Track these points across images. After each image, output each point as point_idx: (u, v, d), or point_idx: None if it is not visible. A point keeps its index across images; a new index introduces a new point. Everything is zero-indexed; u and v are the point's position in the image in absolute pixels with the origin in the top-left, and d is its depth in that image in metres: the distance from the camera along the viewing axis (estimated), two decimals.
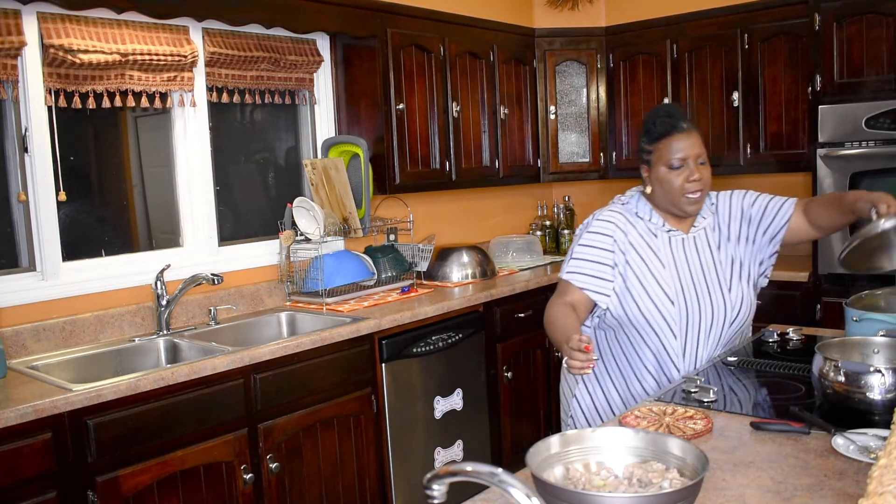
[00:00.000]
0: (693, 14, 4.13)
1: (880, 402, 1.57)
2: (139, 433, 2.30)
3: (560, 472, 1.25)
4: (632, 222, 2.08)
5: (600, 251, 2.04)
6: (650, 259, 2.03)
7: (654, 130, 2.01)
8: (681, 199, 2.00)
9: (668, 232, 2.08)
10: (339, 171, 3.40)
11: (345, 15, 3.41)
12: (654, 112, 2.05)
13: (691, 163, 1.98)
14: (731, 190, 2.20)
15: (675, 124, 1.99)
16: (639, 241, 2.06)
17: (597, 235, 2.06)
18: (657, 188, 2.04)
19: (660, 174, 2.01)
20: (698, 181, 1.99)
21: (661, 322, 2.00)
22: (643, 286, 2.01)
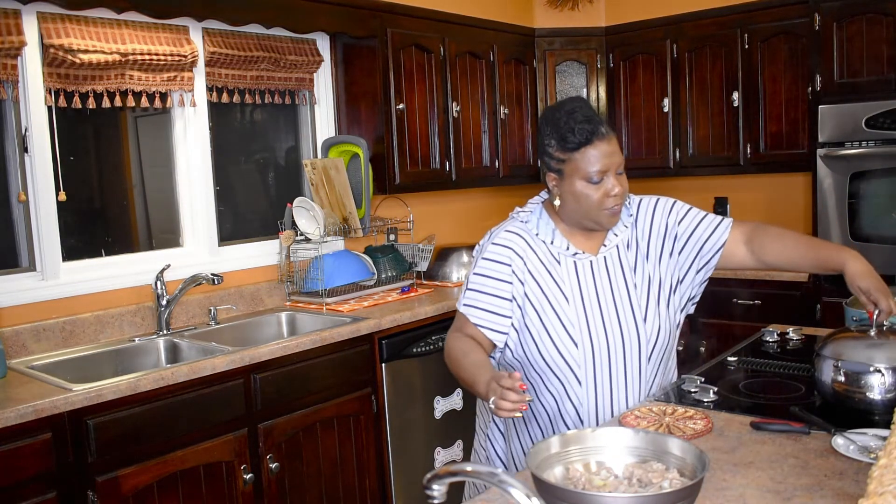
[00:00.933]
0: (693, 14, 4.13)
1: (880, 402, 1.57)
2: (139, 433, 2.30)
3: (560, 472, 1.25)
4: (532, 246, 1.79)
5: (496, 282, 1.77)
6: (552, 291, 1.75)
7: (571, 139, 1.69)
8: (599, 213, 1.73)
9: (573, 256, 1.79)
10: (339, 171, 3.40)
11: (345, 15, 3.41)
12: (569, 115, 1.71)
13: (611, 175, 1.71)
14: (656, 196, 1.90)
15: (595, 130, 1.69)
16: (539, 269, 1.77)
17: (492, 264, 1.78)
18: (570, 202, 1.75)
19: (575, 188, 1.72)
20: (618, 196, 1.72)
21: (564, 366, 1.73)
22: (543, 324, 1.74)
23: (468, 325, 1.79)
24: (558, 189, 1.76)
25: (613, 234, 1.82)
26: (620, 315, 1.76)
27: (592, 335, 1.74)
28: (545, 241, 1.79)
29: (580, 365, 1.73)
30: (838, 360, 1.63)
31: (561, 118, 1.71)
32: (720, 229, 1.83)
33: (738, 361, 2.08)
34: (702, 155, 4.17)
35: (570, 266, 1.78)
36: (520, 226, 1.83)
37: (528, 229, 1.82)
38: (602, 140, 1.69)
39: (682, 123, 4.21)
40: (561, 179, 1.75)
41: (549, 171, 1.77)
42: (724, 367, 2.06)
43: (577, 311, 1.74)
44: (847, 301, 2.07)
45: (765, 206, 4.30)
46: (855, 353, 1.63)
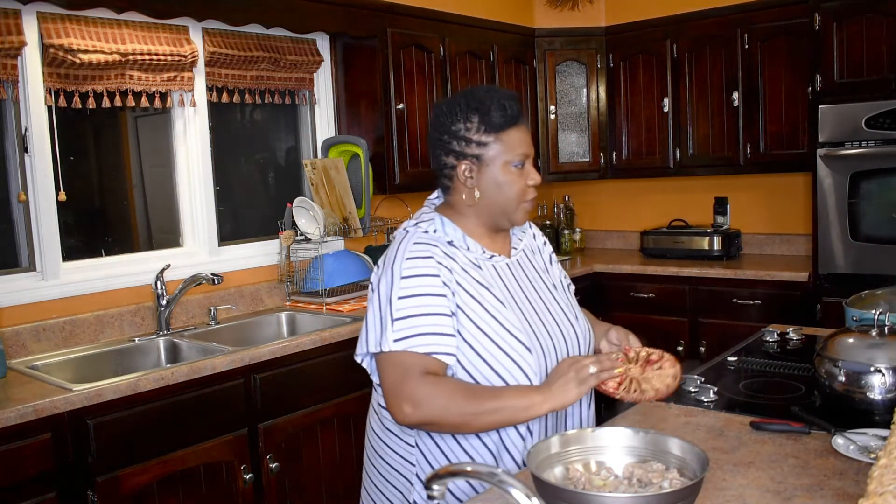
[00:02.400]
0: (693, 14, 4.13)
1: (880, 402, 1.57)
2: (139, 433, 2.30)
3: (560, 472, 1.25)
4: (449, 254, 1.56)
5: (432, 298, 1.49)
6: (484, 297, 1.54)
7: (497, 117, 1.54)
8: (518, 205, 1.59)
9: (490, 259, 1.61)
10: (339, 171, 3.40)
11: (345, 15, 3.41)
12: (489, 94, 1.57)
13: (529, 162, 1.60)
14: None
15: (517, 115, 1.57)
16: (464, 276, 1.55)
17: (419, 279, 1.50)
18: (490, 193, 1.58)
19: (496, 175, 1.56)
20: (535, 186, 1.61)
21: (520, 375, 1.51)
22: (486, 334, 1.51)
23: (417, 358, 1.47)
24: (474, 180, 1.58)
25: (517, 239, 1.72)
26: (554, 315, 1.63)
27: (539, 338, 1.56)
28: (459, 247, 1.58)
29: (536, 370, 1.52)
30: (838, 360, 1.63)
31: (483, 97, 1.57)
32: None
33: (738, 361, 2.08)
34: (702, 155, 4.17)
35: (490, 269, 1.60)
36: (426, 237, 1.57)
37: (438, 238, 1.58)
38: (522, 125, 1.59)
39: (682, 123, 4.20)
40: (479, 166, 1.57)
41: (463, 159, 1.57)
42: (724, 367, 2.06)
43: (517, 314, 1.56)
44: (847, 301, 2.07)
45: (765, 206, 4.30)
46: (855, 353, 1.63)
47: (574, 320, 1.66)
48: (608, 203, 4.90)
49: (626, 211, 4.82)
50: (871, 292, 2.13)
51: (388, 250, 1.61)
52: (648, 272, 4.08)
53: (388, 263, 1.56)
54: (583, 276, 4.13)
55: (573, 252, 4.74)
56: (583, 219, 4.96)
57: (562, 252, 4.73)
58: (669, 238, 4.29)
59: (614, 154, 4.50)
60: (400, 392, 1.47)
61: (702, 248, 4.16)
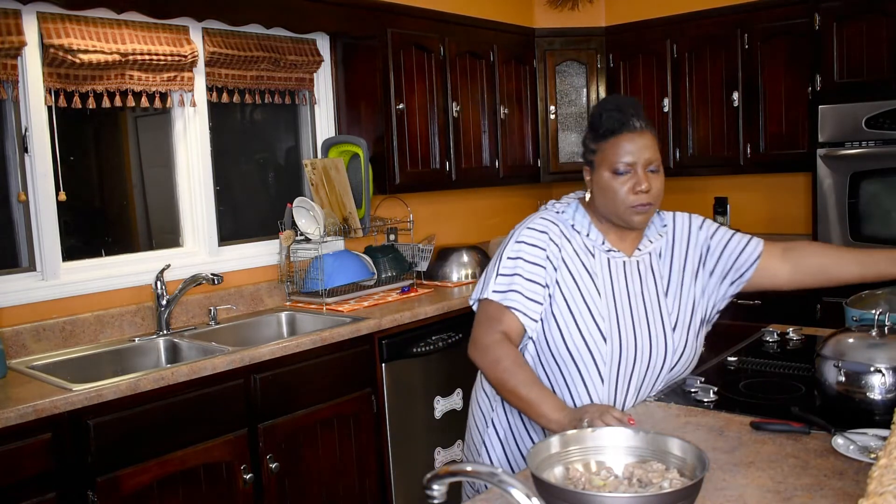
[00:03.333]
0: (693, 14, 4.13)
1: (880, 402, 1.57)
2: (139, 433, 2.30)
3: (560, 472, 1.25)
4: (567, 235, 1.75)
5: (532, 266, 1.70)
6: (585, 282, 1.70)
7: (600, 126, 1.69)
8: (625, 210, 1.69)
9: (607, 252, 1.75)
10: (339, 171, 3.40)
11: (345, 15, 3.41)
12: (603, 104, 1.72)
13: (640, 169, 1.67)
14: (689, 213, 1.90)
15: (626, 121, 1.67)
16: (573, 258, 1.72)
17: (527, 247, 1.71)
18: (598, 195, 1.73)
19: (602, 179, 1.70)
20: (646, 193, 1.67)
21: (589, 361, 1.68)
22: (572, 314, 1.68)
23: (502, 315, 1.69)
24: (590, 181, 1.75)
25: (648, 241, 1.80)
26: (650, 319, 1.72)
27: (622, 333, 1.68)
28: (580, 231, 1.75)
29: (606, 362, 1.68)
30: (839, 360, 1.63)
31: (596, 108, 1.73)
32: (752, 244, 1.84)
33: (738, 361, 2.08)
34: (702, 155, 4.17)
35: (603, 261, 1.74)
36: (555, 216, 1.78)
37: (564, 219, 1.77)
38: (633, 132, 1.67)
39: (682, 123, 4.20)
40: (592, 171, 1.73)
41: (585, 163, 1.76)
42: (724, 367, 2.05)
43: (609, 306, 1.69)
44: (847, 301, 2.07)
45: (765, 206, 4.30)
46: (855, 353, 1.63)
47: (670, 330, 1.73)
48: None
49: None
50: (871, 292, 2.13)
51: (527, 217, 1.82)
52: None
53: (517, 228, 1.78)
54: None
55: None
56: None
57: None
58: None
59: None
60: (477, 334, 1.71)
61: None
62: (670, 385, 1.88)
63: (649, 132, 1.70)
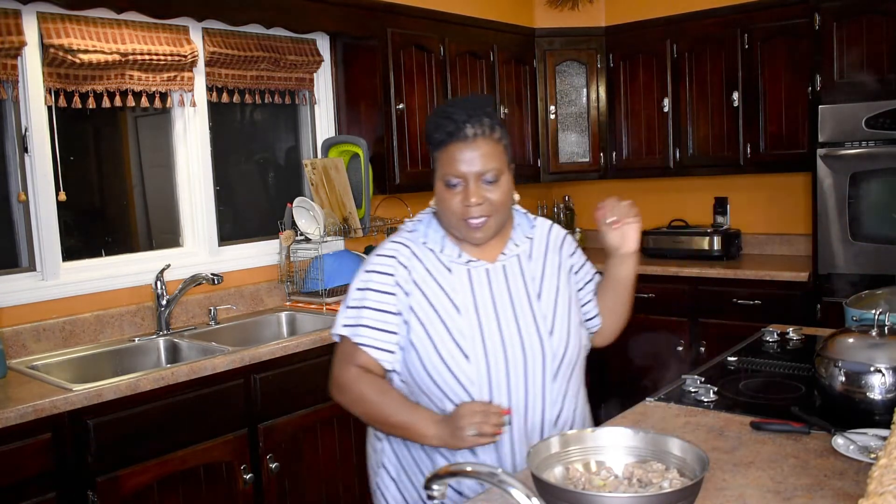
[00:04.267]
0: (693, 14, 4.13)
1: (881, 402, 1.57)
2: (139, 433, 2.30)
3: (560, 472, 1.25)
4: (418, 255, 1.60)
5: (381, 295, 1.57)
6: (440, 302, 1.55)
7: (433, 133, 1.55)
8: (459, 223, 1.56)
9: (466, 264, 1.60)
10: (339, 171, 3.40)
11: (345, 15, 3.41)
12: (437, 110, 1.59)
13: (472, 181, 1.52)
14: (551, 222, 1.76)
15: (456, 130, 1.51)
16: (426, 279, 1.57)
17: (375, 275, 1.59)
18: (438, 207, 1.60)
19: (438, 191, 1.58)
20: (478, 206, 1.52)
21: (454, 384, 1.51)
22: (430, 338, 1.53)
23: (357, 349, 1.58)
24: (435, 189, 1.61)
25: (514, 244, 1.64)
26: (522, 327, 1.56)
27: (488, 348, 1.53)
28: (433, 249, 1.60)
29: (473, 381, 1.51)
30: (839, 360, 1.63)
31: (435, 113, 1.58)
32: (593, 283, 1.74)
33: (738, 361, 2.09)
34: (702, 155, 4.17)
35: (462, 275, 1.58)
36: (406, 235, 1.64)
37: (415, 238, 1.62)
38: (463, 141, 1.51)
39: (682, 123, 4.20)
40: (434, 178, 1.60)
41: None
42: (724, 367, 2.06)
43: (470, 323, 1.54)
44: (847, 301, 2.07)
45: (765, 206, 4.30)
46: (855, 353, 1.63)
47: (546, 334, 1.57)
48: None
49: None
50: (871, 292, 2.13)
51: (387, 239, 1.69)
52: (648, 272, 4.08)
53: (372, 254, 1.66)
54: None
55: None
56: (583, 219, 4.96)
57: None
58: (669, 238, 4.29)
59: (614, 154, 4.50)
60: (335, 373, 1.61)
61: (702, 248, 4.16)
62: (671, 386, 1.88)
63: (485, 139, 1.52)
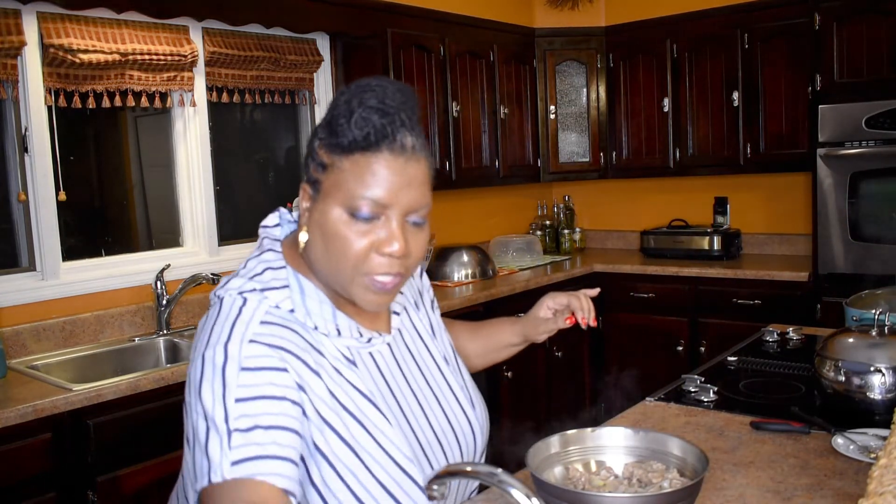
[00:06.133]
0: (693, 14, 4.13)
1: (881, 402, 1.57)
2: (139, 433, 2.30)
3: (560, 472, 1.25)
4: (312, 343, 1.08)
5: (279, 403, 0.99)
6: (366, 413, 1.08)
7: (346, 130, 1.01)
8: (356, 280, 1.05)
9: (367, 344, 1.15)
10: None
11: (345, 15, 3.41)
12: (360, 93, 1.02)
13: (396, 217, 1.03)
14: None
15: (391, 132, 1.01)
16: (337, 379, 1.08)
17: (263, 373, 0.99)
18: (318, 243, 1.06)
19: (328, 219, 1.03)
20: (401, 258, 1.04)
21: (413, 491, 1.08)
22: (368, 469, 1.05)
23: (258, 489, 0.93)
24: (308, 215, 1.07)
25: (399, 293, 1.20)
26: (445, 405, 1.22)
27: (431, 459, 1.16)
28: (328, 333, 1.10)
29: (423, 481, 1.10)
30: (839, 360, 1.63)
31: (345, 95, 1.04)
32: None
33: (738, 361, 2.08)
34: (702, 155, 4.17)
35: (369, 363, 1.14)
36: (277, 313, 1.06)
37: (295, 318, 1.08)
38: (399, 153, 1.02)
39: (682, 123, 4.20)
40: (315, 200, 1.06)
41: (306, 180, 1.08)
42: (724, 367, 2.06)
43: (400, 424, 1.13)
44: (847, 301, 2.07)
45: (765, 206, 4.30)
46: (855, 353, 1.63)
47: (470, 409, 1.25)
48: (608, 203, 4.90)
49: (626, 211, 4.82)
50: (871, 292, 2.13)
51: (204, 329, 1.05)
52: (648, 272, 4.08)
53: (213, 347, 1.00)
54: (583, 277, 4.13)
55: (573, 252, 4.74)
56: (583, 219, 4.96)
57: (561, 252, 4.73)
58: (669, 238, 4.29)
59: (614, 154, 4.50)
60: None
61: (702, 248, 4.16)
62: (671, 386, 1.88)
63: (423, 156, 1.04)
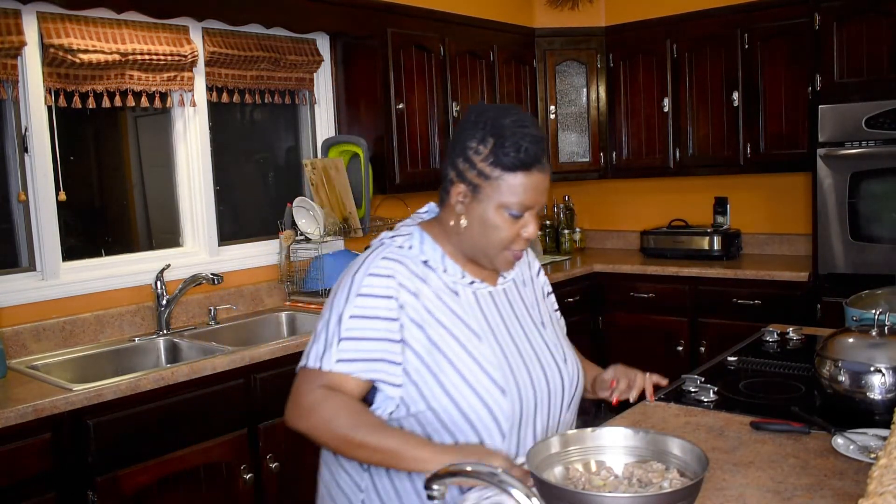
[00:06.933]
0: (693, 14, 4.13)
1: (881, 402, 1.57)
2: (139, 433, 2.30)
3: (560, 472, 1.25)
4: (420, 275, 1.42)
5: (382, 322, 1.37)
6: (459, 330, 1.40)
7: (511, 156, 1.36)
8: (500, 253, 1.43)
9: (471, 285, 1.46)
10: (339, 171, 3.40)
11: (345, 15, 3.41)
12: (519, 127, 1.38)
13: (532, 213, 1.42)
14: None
15: (540, 157, 1.38)
16: (436, 304, 1.41)
17: (372, 300, 1.37)
18: (474, 229, 1.42)
19: (487, 213, 1.40)
20: (529, 240, 1.44)
21: (488, 420, 1.36)
22: (459, 372, 1.36)
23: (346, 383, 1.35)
24: (465, 207, 1.42)
25: None
26: (539, 355, 1.47)
27: (517, 379, 1.40)
28: (435, 268, 1.44)
29: (507, 417, 1.37)
30: (839, 360, 1.63)
31: (508, 126, 1.38)
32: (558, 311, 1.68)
33: (738, 361, 2.09)
34: (702, 155, 4.17)
35: (469, 297, 1.45)
36: (398, 252, 1.44)
37: (412, 256, 1.44)
38: (541, 171, 1.39)
39: (682, 123, 4.20)
40: (474, 197, 1.41)
41: (462, 181, 1.41)
42: (724, 367, 2.06)
43: (494, 351, 1.40)
44: (847, 301, 2.08)
45: (765, 206, 4.30)
46: (855, 353, 1.63)
47: (562, 362, 1.50)
48: (608, 203, 4.90)
49: (626, 211, 4.82)
50: (871, 292, 2.13)
51: (356, 259, 1.47)
52: (648, 272, 4.08)
53: (350, 274, 1.43)
54: (583, 276, 4.13)
55: (573, 252, 4.74)
56: (583, 219, 4.96)
57: (562, 252, 4.73)
58: (669, 238, 4.29)
59: (614, 154, 4.50)
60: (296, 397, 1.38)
61: (702, 248, 4.17)
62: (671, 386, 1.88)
63: (549, 168, 1.43)
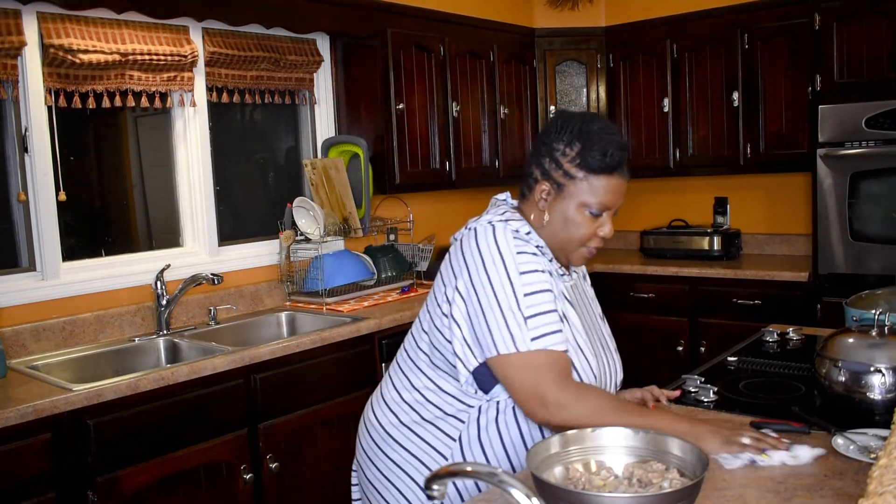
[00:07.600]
0: (693, 14, 4.13)
1: (881, 402, 1.57)
2: (139, 433, 2.30)
3: (560, 472, 1.25)
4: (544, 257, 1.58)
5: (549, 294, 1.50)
6: (569, 314, 1.56)
7: (598, 160, 1.50)
8: (577, 248, 1.57)
9: (561, 276, 1.61)
10: (339, 171, 3.40)
11: (345, 15, 3.41)
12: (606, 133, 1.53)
13: (609, 214, 1.57)
14: None
15: (623, 162, 1.53)
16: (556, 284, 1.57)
17: (535, 275, 1.49)
18: (556, 224, 1.56)
19: (568, 210, 1.54)
20: (605, 237, 1.58)
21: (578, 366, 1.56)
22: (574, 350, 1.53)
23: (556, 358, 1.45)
24: (548, 204, 1.56)
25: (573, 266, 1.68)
26: (604, 345, 1.64)
27: (601, 366, 1.59)
28: (546, 255, 1.57)
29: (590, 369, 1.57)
30: (839, 360, 1.63)
31: (596, 132, 1.52)
32: None
33: (738, 361, 2.08)
34: (702, 155, 4.17)
35: (561, 286, 1.59)
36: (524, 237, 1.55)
37: (529, 240, 1.54)
38: (622, 175, 1.54)
39: (682, 123, 4.20)
40: (557, 195, 1.55)
41: (547, 179, 1.56)
42: (724, 367, 2.06)
43: (589, 338, 1.58)
44: (847, 301, 2.07)
45: (765, 206, 4.30)
46: (855, 353, 1.63)
47: (614, 350, 1.68)
48: None
49: (626, 211, 4.78)
50: (871, 292, 2.13)
51: (468, 245, 1.52)
52: (648, 272, 4.08)
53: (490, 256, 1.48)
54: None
55: None
56: None
57: None
58: (669, 238, 4.29)
59: None
60: (543, 390, 1.42)
61: (702, 248, 4.17)
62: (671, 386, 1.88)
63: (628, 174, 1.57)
